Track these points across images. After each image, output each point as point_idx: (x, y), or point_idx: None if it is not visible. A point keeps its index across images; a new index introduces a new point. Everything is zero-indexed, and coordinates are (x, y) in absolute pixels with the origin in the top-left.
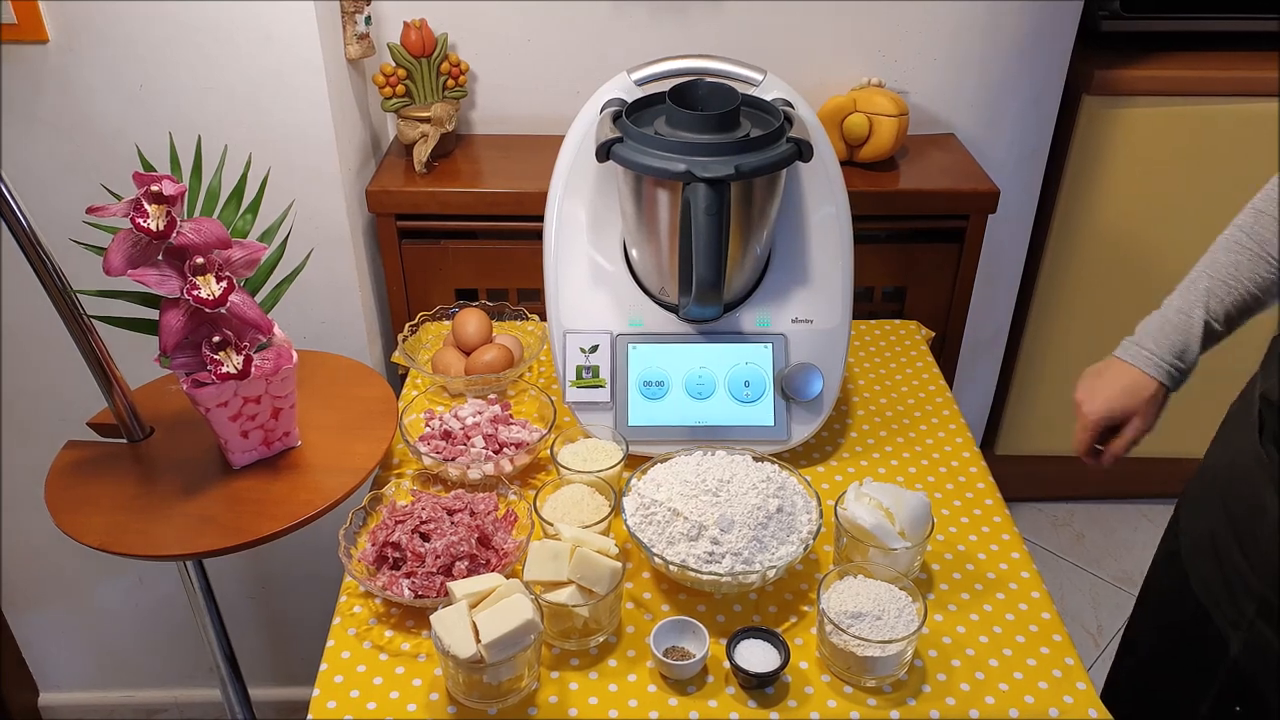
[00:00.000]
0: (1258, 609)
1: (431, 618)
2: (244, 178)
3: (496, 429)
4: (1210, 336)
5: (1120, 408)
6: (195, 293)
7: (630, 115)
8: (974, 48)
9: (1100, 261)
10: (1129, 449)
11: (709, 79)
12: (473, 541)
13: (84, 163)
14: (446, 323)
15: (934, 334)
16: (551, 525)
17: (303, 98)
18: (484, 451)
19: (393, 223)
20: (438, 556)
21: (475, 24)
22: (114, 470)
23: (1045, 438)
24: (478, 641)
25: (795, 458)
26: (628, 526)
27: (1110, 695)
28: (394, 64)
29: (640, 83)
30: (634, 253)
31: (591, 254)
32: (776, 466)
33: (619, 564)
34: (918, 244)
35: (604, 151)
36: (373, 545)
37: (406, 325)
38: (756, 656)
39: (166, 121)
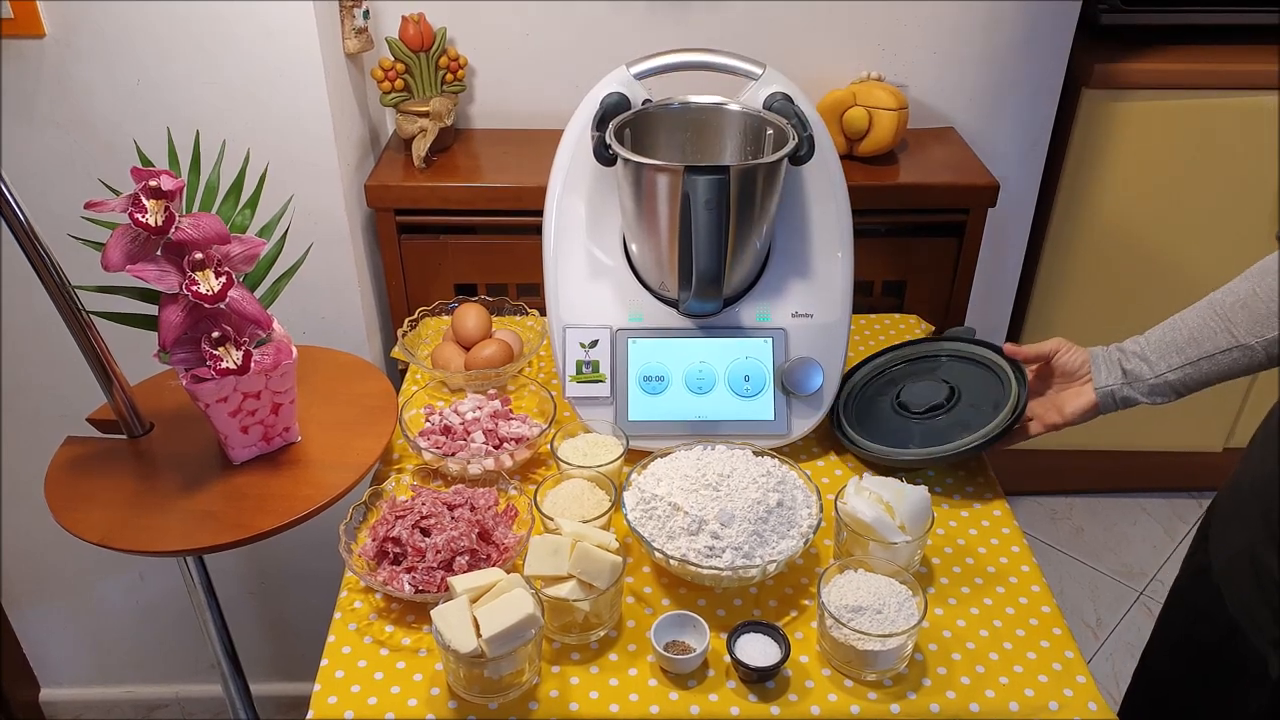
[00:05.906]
0: None
1: (432, 613)
2: (242, 173)
3: (496, 424)
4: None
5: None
6: (194, 288)
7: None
8: (974, 41)
9: (1100, 255)
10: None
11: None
12: (473, 536)
13: (82, 158)
14: (446, 318)
15: (934, 328)
16: (552, 520)
17: (301, 92)
18: (484, 447)
19: (392, 218)
20: (438, 551)
21: (474, 18)
22: (114, 466)
23: None
24: (478, 636)
25: (795, 452)
26: (628, 521)
27: (1128, 716)
28: (392, 58)
29: (639, 76)
30: (633, 247)
31: (591, 248)
32: (776, 461)
33: (619, 559)
34: (918, 238)
35: (601, 147)
36: (373, 540)
37: (406, 320)
38: (757, 651)
39: (164, 116)
